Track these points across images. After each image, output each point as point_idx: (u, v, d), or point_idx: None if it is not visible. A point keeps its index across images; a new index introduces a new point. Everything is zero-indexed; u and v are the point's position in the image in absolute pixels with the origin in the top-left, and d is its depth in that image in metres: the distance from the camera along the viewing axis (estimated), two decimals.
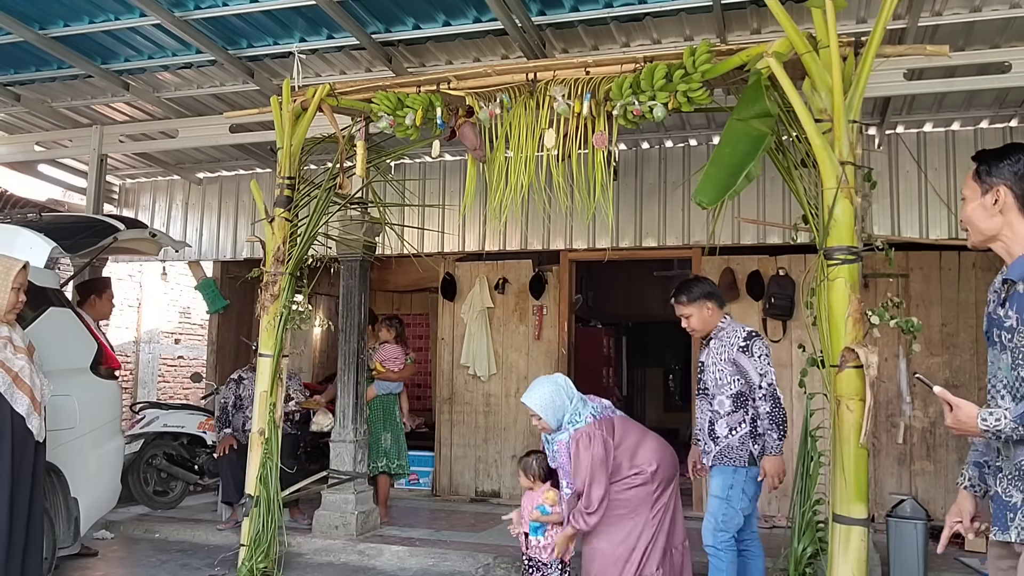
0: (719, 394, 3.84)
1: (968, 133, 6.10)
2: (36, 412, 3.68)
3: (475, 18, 4.92)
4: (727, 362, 3.83)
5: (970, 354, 6.46)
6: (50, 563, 4.17)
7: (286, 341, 4.92)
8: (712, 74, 3.96)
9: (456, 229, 7.15)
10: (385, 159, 5.52)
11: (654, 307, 10.98)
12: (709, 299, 3.91)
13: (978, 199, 2.11)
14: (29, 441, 3.66)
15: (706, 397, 3.92)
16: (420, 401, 11.56)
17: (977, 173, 2.13)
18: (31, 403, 3.65)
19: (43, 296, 4.46)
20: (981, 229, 2.12)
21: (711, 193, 3.60)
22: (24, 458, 3.63)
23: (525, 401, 3.74)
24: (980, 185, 2.11)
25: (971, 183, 2.15)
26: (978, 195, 2.12)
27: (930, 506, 6.00)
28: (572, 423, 3.66)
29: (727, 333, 3.89)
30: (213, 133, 6.44)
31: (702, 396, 3.95)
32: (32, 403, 3.66)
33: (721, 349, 3.87)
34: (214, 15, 4.93)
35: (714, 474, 3.82)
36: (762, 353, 3.79)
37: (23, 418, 3.61)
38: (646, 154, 6.85)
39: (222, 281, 8.85)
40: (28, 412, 3.63)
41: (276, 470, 4.70)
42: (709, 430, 3.86)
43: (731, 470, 3.77)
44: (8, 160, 7.30)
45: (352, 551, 5.43)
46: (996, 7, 4.52)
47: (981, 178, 2.11)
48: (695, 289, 3.94)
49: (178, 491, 6.76)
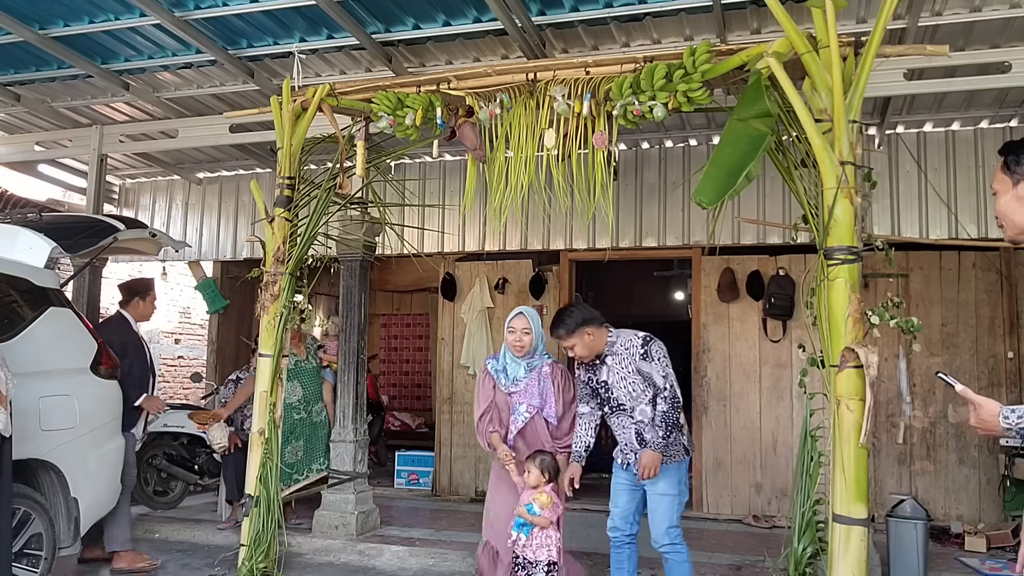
0: (638, 404, 3.87)
1: (968, 133, 6.10)
2: (3, 407, 3.53)
3: (475, 18, 4.92)
4: (633, 373, 3.86)
5: (970, 354, 6.46)
6: (50, 563, 4.17)
7: (286, 341, 4.92)
8: (712, 74, 3.96)
9: (456, 229, 7.15)
10: (385, 159, 5.52)
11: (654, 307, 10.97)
12: (586, 325, 3.88)
13: (1010, 191, 2.02)
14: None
15: (623, 412, 3.93)
16: (420, 401, 11.60)
17: (1006, 165, 2.03)
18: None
19: (43, 296, 4.46)
20: (1017, 222, 2.02)
21: (711, 193, 3.60)
22: None
23: (526, 313, 4.15)
24: (1011, 176, 2.02)
25: (1001, 176, 2.05)
26: (1010, 187, 2.02)
27: (930, 506, 6.01)
28: (543, 354, 4.22)
29: (621, 345, 3.91)
30: (213, 133, 6.44)
31: (618, 413, 3.95)
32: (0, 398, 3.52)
33: (622, 363, 3.89)
34: (214, 15, 4.93)
35: (657, 476, 3.79)
36: (661, 355, 3.84)
37: None
38: (646, 154, 6.85)
39: (222, 281, 8.85)
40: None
41: (276, 470, 4.71)
42: (638, 440, 3.88)
43: (675, 466, 3.90)
44: (8, 160, 7.30)
45: (352, 551, 5.43)
46: (996, 7, 4.52)
47: (1011, 169, 2.02)
48: (569, 321, 3.89)
49: (178, 491, 6.76)
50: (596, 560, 4.96)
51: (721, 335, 6.99)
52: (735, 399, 6.89)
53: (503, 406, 4.19)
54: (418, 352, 11.75)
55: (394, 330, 11.94)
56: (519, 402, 4.16)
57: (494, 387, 4.21)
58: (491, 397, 4.20)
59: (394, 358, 11.88)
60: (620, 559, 4.06)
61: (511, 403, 4.17)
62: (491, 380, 4.23)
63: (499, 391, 4.20)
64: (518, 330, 4.13)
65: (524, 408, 4.14)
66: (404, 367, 11.83)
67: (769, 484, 6.74)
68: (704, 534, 6.15)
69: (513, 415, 4.16)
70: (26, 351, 4.14)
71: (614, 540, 4.08)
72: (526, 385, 4.16)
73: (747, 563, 5.22)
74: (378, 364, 11.37)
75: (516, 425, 4.14)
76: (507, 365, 4.20)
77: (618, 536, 4.06)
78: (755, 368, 6.87)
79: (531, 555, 3.84)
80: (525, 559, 3.87)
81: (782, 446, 6.69)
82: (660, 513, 3.86)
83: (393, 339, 11.94)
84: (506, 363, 4.21)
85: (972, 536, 5.73)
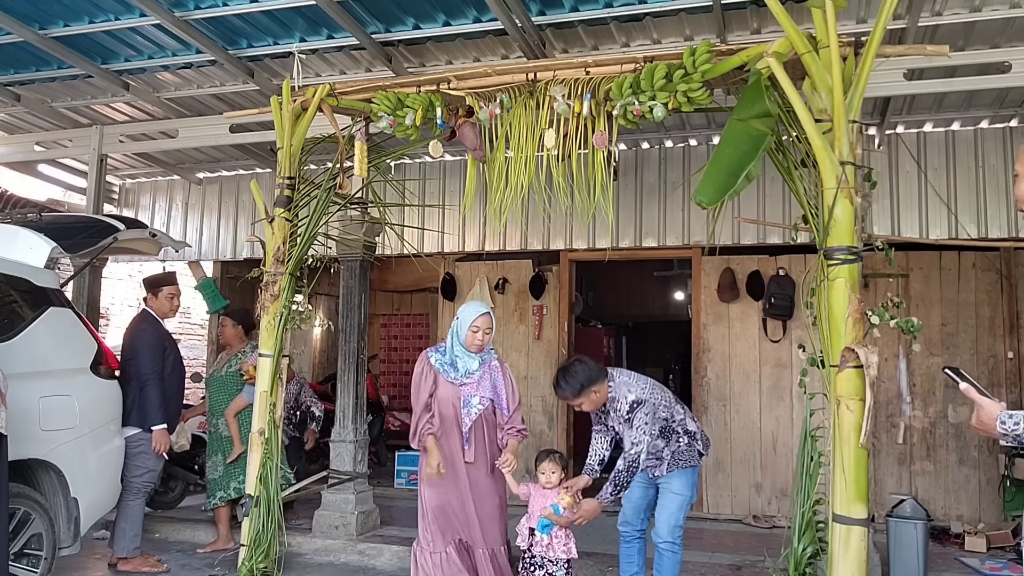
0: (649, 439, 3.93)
1: (968, 133, 6.10)
2: (3, 404, 3.51)
3: (475, 18, 4.92)
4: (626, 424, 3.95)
5: (970, 354, 6.46)
6: (50, 564, 4.17)
7: (286, 341, 4.92)
8: (712, 74, 3.96)
9: (456, 229, 7.15)
10: (385, 159, 5.51)
11: (654, 307, 10.98)
12: (591, 385, 3.87)
13: None
14: None
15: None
16: None
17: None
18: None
19: (43, 296, 4.45)
20: None
21: (711, 193, 3.60)
22: None
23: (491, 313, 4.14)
24: None
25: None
26: None
27: (930, 506, 6.01)
28: (490, 350, 4.22)
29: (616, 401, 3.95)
30: (213, 133, 6.43)
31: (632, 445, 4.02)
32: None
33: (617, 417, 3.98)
34: (214, 15, 4.93)
35: (674, 476, 4.00)
36: (640, 424, 3.87)
37: None
38: (646, 154, 6.85)
39: (222, 281, 8.84)
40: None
41: (276, 470, 4.70)
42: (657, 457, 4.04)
43: (689, 470, 4.03)
44: (8, 160, 7.30)
45: (352, 551, 5.43)
46: (996, 7, 4.52)
47: None
48: (574, 384, 3.86)
49: (178, 491, 6.75)
50: (600, 560, 4.96)
51: (721, 335, 6.99)
52: (735, 399, 6.89)
53: (446, 400, 4.06)
54: (418, 352, 11.69)
55: (394, 330, 11.94)
56: (471, 394, 4.06)
57: (435, 381, 4.09)
58: (432, 392, 4.07)
59: (394, 358, 11.88)
60: (630, 553, 4.18)
61: (461, 395, 4.06)
62: (434, 373, 4.11)
63: (443, 384, 4.07)
64: (482, 329, 4.05)
65: (477, 400, 4.06)
66: (404, 367, 11.82)
67: (769, 484, 6.74)
68: (704, 534, 6.15)
69: (465, 407, 4.05)
70: (26, 351, 4.14)
71: (624, 535, 4.19)
72: (479, 378, 4.09)
73: (747, 563, 5.22)
74: (378, 364, 11.37)
75: (470, 417, 4.04)
76: (456, 358, 4.09)
77: (628, 531, 4.17)
78: (755, 368, 6.87)
79: (553, 554, 3.90)
80: (545, 559, 3.91)
81: (782, 446, 6.69)
82: (670, 510, 3.99)
83: (393, 339, 11.94)
84: (455, 356, 4.10)
85: (972, 536, 5.73)
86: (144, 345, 5.00)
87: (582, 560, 4.19)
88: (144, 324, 5.15)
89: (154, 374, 4.93)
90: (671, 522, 3.97)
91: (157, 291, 5.21)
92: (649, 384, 4.04)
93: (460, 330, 4.08)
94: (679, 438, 4.04)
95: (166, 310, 5.24)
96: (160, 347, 5.04)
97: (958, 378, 2.00)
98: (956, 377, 2.01)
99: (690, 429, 4.09)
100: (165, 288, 5.23)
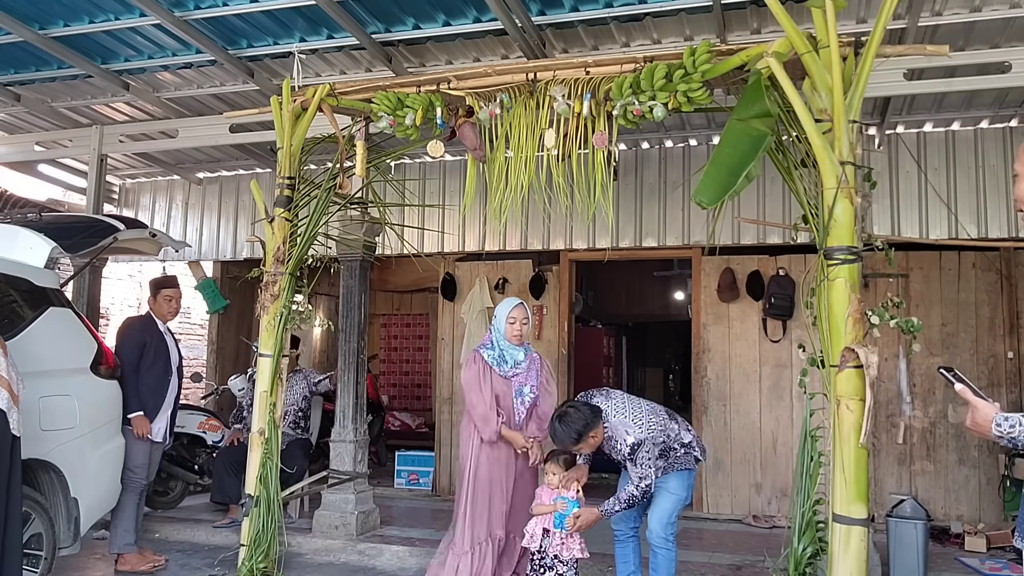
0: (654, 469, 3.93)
1: (968, 133, 6.10)
2: (16, 406, 3.58)
3: (475, 18, 4.92)
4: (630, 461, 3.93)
5: (970, 354, 6.46)
6: (50, 563, 4.17)
7: (286, 341, 4.92)
8: (712, 74, 3.96)
9: (456, 229, 7.15)
10: (385, 159, 5.51)
11: (654, 307, 10.99)
12: (588, 430, 3.83)
13: None
14: (6, 437, 3.55)
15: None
16: (420, 401, 11.60)
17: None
18: (10, 397, 3.56)
19: (43, 296, 4.46)
20: None
21: (711, 193, 3.60)
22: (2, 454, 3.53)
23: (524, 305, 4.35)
24: None
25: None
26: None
27: (930, 506, 6.01)
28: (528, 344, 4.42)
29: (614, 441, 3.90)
30: (213, 133, 6.43)
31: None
32: (11, 397, 3.56)
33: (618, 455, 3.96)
34: (214, 15, 4.93)
35: (670, 477, 4.02)
36: (644, 460, 3.85)
37: (4, 412, 3.52)
38: (646, 154, 6.85)
39: (222, 281, 8.85)
40: (8, 406, 3.54)
41: (276, 470, 4.71)
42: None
43: (686, 472, 4.07)
44: (8, 160, 7.30)
45: (352, 551, 5.43)
46: (996, 7, 4.52)
47: None
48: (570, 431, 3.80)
49: (178, 491, 6.76)
50: (600, 560, 4.96)
51: (721, 335, 6.99)
52: (735, 399, 6.89)
53: (503, 392, 4.29)
54: (418, 352, 11.75)
55: (394, 330, 11.95)
56: (523, 384, 4.31)
57: (490, 375, 4.29)
58: (491, 386, 4.26)
59: (394, 358, 11.89)
60: (625, 552, 4.20)
61: (513, 386, 4.30)
62: (488, 368, 4.30)
63: (497, 379, 4.29)
64: (519, 320, 4.30)
65: (528, 389, 4.30)
66: (404, 367, 11.84)
67: (769, 484, 6.74)
68: (704, 534, 6.15)
69: (518, 397, 4.28)
70: (26, 351, 4.14)
71: (618, 534, 4.20)
72: (527, 368, 4.33)
73: (747, 563, 5.22)
74: (378, 364, 11.38)
75: (524, 406, 4.29)
76: (504, 351, 4.32)
77: (622, 530, 4.19)
78: (755, 368, 6.87)
79: (567, 554, 3.92)
80: (556, 559, 3.93)
81: (782, 446, 6.69)
82: (663, 508, 4.00)
83: (393, 339, 11.95)
84: (503, 349, 4.32)
85: (972, 536, 5.73)
86: (123, 338, 5.18)
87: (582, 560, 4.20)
88: (132, 321, 5.44)
89: (128, 365, 5.02)
90: (664, 520, 3.99)
91: (156, 293, 5.36)
92: (644, 414, 3.97)
93: (499, 325, 4.34)
94: (676, 451, 4.06)
95: (164, 312, 5.37)
96: (139, 341, 5.13)
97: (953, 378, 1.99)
98: (951, 378, 1.99)
99: (685, 441, 4.08)
100: (163, 291, 5.36)
